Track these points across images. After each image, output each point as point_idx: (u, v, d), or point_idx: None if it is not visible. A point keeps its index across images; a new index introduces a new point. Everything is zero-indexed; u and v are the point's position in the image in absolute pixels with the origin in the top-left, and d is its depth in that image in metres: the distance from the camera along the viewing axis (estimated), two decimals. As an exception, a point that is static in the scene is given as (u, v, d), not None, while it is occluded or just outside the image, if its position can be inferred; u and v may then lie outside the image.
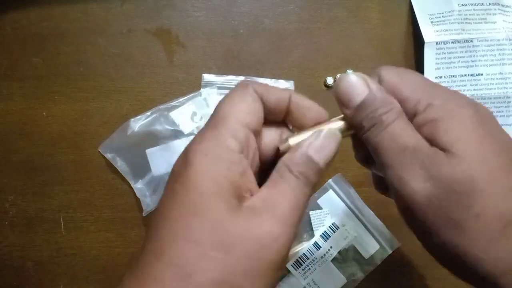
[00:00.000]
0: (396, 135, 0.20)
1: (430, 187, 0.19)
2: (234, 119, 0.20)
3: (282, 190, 0.20)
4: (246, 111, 0.21)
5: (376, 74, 0.22)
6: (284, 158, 0.21)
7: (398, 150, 0.20)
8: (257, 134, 0.22)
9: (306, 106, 0.23)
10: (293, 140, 0.22)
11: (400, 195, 0.20)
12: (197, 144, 0.20)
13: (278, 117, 0.23)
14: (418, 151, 0.20)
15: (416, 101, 0.21)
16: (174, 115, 0.40)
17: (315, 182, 0.21)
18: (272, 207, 0.19)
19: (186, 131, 0.40)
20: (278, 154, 0.23)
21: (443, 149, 0.19)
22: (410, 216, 0.20)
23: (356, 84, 0.21)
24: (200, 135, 0.21)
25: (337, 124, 0.23)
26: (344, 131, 0.23)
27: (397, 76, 0.22)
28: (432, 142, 0.20)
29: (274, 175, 0.21)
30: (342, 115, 0.23)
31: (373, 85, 0.21)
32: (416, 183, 0.19)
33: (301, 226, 0.40)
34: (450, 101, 0.20)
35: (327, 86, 0.43)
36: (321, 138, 0.21)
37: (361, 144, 0.23)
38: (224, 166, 0.19)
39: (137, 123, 0.40)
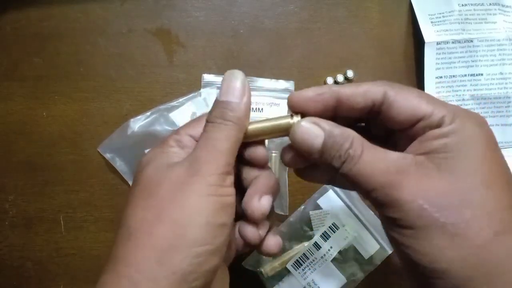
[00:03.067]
0: (373, 161, 0.21)
1: (422, 197, 0.19)
2: (182, 130, 0.26)
3: (202, 140, 0.23)
4: (193, 125, 0.26)
5: (380, 91, 0.22)
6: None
7: (381, 173, 0.20)
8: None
9: None
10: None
11: (391, 209, 0.20)
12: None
13: None
14: (403, 167, 0.20)
15: (442, 115, 0.20)
16: (174, 116, 0.40)
17: (239, 117, 0.23)
18: (194, 156, 0.23)
19: (186, 131, 0.40)
20: None
21: (442, 158, 0.20)
22: (400, 224, 0.20)
23: (309, 130, 0.22)
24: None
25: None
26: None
27: (412, 94, 0.22)
28: (436, 150, 0.20)
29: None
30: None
31: (326, 125, 0.22)
32: (408, 196, 0.20)
33: (301, 226, 0.40)
34: (469, 119, 0.21)
35: None
36: (223, 83, 0.24)
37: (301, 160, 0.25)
38: (161, 154, 0.24)
39: (137, 123, 0.40)
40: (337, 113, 0.24)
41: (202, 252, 0.21)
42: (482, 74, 0.42)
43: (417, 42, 0.43)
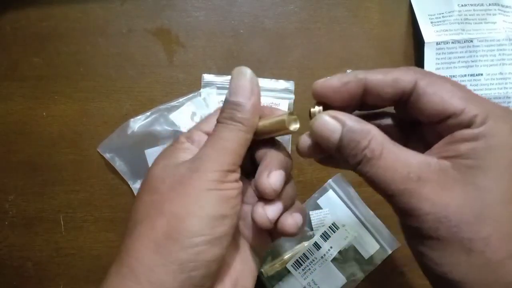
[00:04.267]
0: (392, 165, 0.20)
1: (441, 210, 0.19)
2: (194, 128, 0.27)
3: (210, 139, 0.24)
4: (205, 121, 0.27)
5: (411, 81, 0.21)
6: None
7: (401, 179, 0.19)
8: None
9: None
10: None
11: (409, 218, 0.20)
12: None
13: None
14: (425, 174, 0.19)
15: (474, 114, 0.19)
16: (174, 117, 0.40)
17: (248, 118, 0.23)
18: (200, 154, 0.23)
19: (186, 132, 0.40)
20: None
21: (466, 166, 0.19)
22: (417, 233, 0.20)
23: (327, 123, 0.21)
24: None
25: None
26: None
27: (445, 87, 0.20)
28: (463, 155, 0.19)
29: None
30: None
31: (345, 119, 0.21)
32: (427, 207, 0.19)
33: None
34: (504, 121, 0.19)
35: None
36: (231, 81, 0.24)
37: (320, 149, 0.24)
38: (171, 153, 0.25)
39: (137, 123, 0.40)
40: (363, 101, 0.23)
41: (199, 242, 0.21)
42: (482, 74, 0.42)
43: (417, 42, 0.43)
